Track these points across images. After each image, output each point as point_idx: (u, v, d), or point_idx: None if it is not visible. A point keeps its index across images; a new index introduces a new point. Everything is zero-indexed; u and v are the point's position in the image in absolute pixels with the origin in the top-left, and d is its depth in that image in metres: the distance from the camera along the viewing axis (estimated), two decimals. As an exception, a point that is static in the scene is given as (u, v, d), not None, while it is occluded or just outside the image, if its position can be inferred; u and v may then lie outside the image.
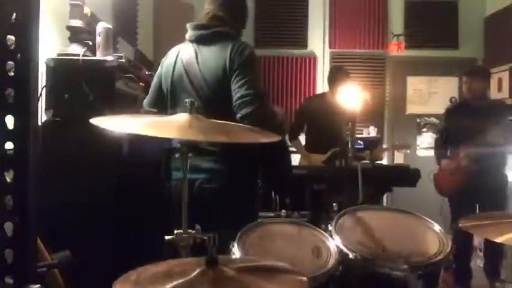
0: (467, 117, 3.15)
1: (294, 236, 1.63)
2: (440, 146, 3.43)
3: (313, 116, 3.68)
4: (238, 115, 1.80)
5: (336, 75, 3.67)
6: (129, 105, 2.03)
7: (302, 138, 3.86)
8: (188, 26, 2.01)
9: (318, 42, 5.21)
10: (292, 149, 3.65)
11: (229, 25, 1.98)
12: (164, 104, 2.01)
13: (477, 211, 3.04)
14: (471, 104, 3.25)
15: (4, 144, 0.88)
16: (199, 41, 1.95)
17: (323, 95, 3.90)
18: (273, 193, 2.66)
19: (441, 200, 3.47)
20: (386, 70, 5.22)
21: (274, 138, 1.36)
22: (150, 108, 2.04)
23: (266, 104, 2.03)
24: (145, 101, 2.09)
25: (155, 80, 2.08)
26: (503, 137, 3.00)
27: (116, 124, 1.24)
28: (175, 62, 1.97)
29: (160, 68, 2.07)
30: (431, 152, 3.70)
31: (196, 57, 1.91)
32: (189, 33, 2.00)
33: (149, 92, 2.09)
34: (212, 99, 1.85)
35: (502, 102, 3.60)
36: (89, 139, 1.78)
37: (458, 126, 3.22)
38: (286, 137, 3.49)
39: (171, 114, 1.38)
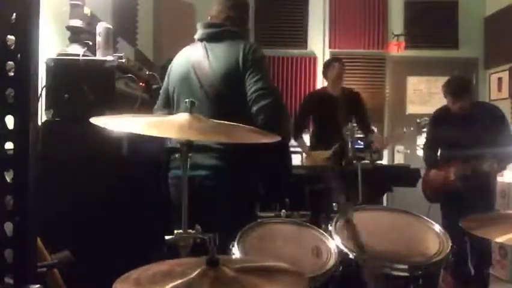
0: (453, 125, 3.09)
1: (294, 236, 1.63)
2: (428, 149, 3.40)
3: (315, 110, 3.69)
4: (255, 107, 1.82)
5: (327, 64, 3.78)
6: (129, 105, 2.03)
7: (306, 139, 3.87)
8: (198, 25, 2.05)
9: (318, 42, 5.21)
10: (297, 149, 3.66)
11: (238, 25, 2.03)
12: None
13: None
14: (456, 113, 3.14)
15: (4, 144, 0.88)
16: (210, 38, 1.98)
17: (324, 89, 3.91)
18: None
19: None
20: (386, 70, 5.22)
21: (274, 138, 1.36)
22: (160, 111, 2.07)
23: (281, 98, 2.08)
24: (156, 105, 2.13)
25: (165, 80, 2.12)
26: (498, 144, 2.94)
27: (116, 124, 1.24)
28: (183, 63, 2.00)
29: (169, 69, 2.10)
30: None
31: (207, 54, 1.94)
32: (199, 32, 2.03)
33: (160, 95, 2.14)
34: (223, 95, 1.87)
35: (489, 106, 3.48)
36: (89, 139, 1.78)
37: (445, 133, 3.16)
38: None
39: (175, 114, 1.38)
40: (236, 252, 1.46)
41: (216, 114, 1.44)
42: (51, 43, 2.09)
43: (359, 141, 3.28)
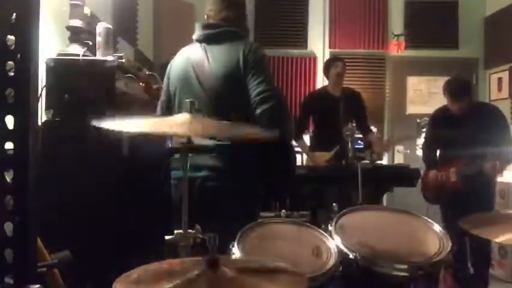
0: (452, 126, 3.08)
1: (294, 236, 1.64)
2: (427, 149, 3.40)
3: (316, 110, 3.69)
4: (258, 110, 1.82)
5: (329, 63, 3.75)
6: (129, 105, 2.03)
7: (306, 139, 3.87)
8: (197, 25, 2.03)
9: (318, 42, 5.21)
10: (298, 149, 3.66)
11: (237, 25, 2.01)
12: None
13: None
14: (455, 113, 3.12)
15: (4, 144, 0.88)
16: (209, 40, 1.97)
17: (324, 88, 3.90)
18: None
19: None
20: (386, 70, 5.22)
21: (271, 137, 1.34)
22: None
23: (283, 100, 2.08)
24: (158, 106, 2.12)
25: (165, 81, 2.10)
26: (497, 144, 2.94)
27: (117, 124, 1.24)
28: (183, 63, 1.99)
29: (168, 69, 2.09)
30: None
31: (207, 56, 1.92)
32: (198, 33, 2.01)
33: (161, 94, 2.13)
34: (223, 97, 1.86)
35: (488, 106, 3.46)
36: (89, 139, 1.78)
37: (444, 133, 3.15)
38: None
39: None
40: (236, 252, 1.46)
41: (217, 114, 1.44)
42: (51, 43, 2.09)
43: (359, 141, 3.28)
